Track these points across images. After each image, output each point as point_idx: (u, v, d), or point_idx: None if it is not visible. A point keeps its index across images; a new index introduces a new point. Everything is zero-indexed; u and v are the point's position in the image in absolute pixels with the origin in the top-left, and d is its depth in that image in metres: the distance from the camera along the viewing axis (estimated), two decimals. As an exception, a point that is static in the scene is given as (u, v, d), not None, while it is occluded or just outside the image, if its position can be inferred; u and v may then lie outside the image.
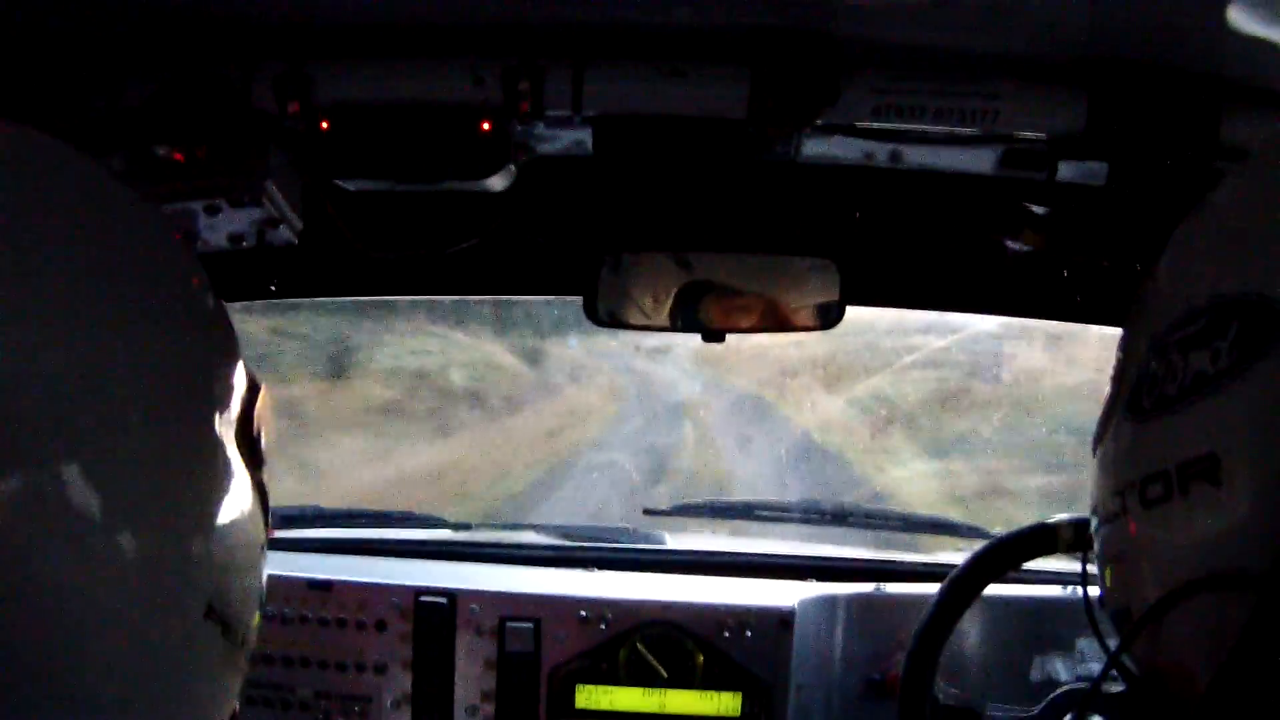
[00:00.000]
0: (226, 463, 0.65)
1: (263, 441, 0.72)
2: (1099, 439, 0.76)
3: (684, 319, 1.41)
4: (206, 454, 0.64)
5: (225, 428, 0.66)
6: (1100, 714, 1.26)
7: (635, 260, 1.41)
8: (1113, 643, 0.74)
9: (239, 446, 0.67)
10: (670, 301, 1.40)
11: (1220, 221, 0.71)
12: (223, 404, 0.66)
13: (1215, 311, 0.64)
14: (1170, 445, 0.66)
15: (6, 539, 0.54)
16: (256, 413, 0.71)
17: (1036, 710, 1.27)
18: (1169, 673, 0.68)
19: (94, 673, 0.58)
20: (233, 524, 0.66)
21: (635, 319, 1.42)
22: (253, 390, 0.71)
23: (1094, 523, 0.76)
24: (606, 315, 1.41)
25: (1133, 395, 0.70)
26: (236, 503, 0.66)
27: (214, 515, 0.64)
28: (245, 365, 0.73)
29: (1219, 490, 0.62)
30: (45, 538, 0.55)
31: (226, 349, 0.69)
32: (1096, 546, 0.75)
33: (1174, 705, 0.68)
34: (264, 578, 0.73)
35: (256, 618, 0.71)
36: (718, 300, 1.40)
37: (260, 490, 0.72)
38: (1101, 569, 0.75)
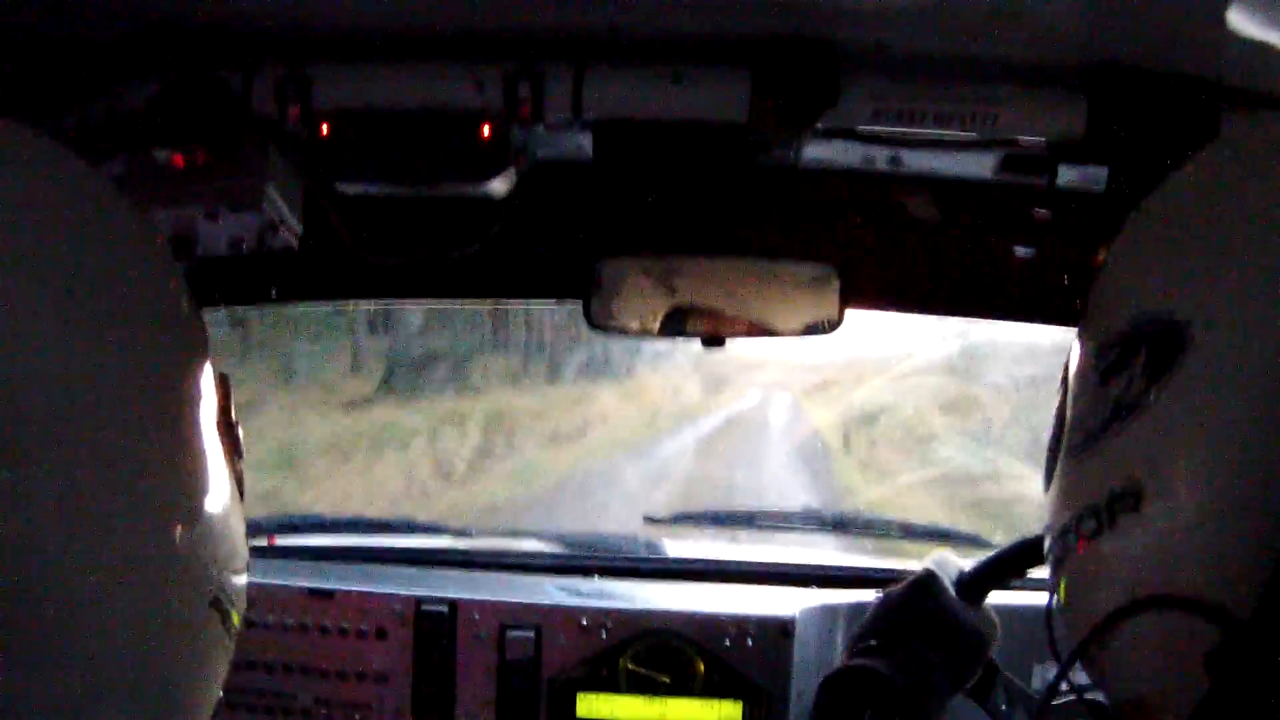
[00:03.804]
0: (216, 455, 0.68)
1: (240, 433, 0.74)
2: (1048, 475, 0.75)
3: (684, 324, 1.41)
4: (199, 447, 0.65)
5: (209, 420, 0.68)
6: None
7: (635, 265, 1.40)
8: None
9: (221, 438, 0.70)
10: (670, 307, 1.40)
11: (1126, 260, 0.72)
12: (205, 396, 0.68)
13: (1127, 340, 0.65)
14: (1098, 478, 0.66)
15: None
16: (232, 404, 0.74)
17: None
18: (1135, 713, 0.68)
19: (104, 661, 0.59)
20: (227, 515, 0.68)
21: (635, 324, 1.42)
22: (224, 383, 0.73)
23: (1048, 546, 0.75)
24: (606, 321, 1.41)
25: (1070, 432, 0.71)
26: (227, 494, 0.69)
27: (213, 507, 0.66)
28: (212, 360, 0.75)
29: (1141, 516, 0.62)
30: (42, 534, 0.56)
31: (202, 345, 0.71)
32: (1059, 595, 0.75)
33: None
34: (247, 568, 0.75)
35: (242, 607, 0.74)
36: (717, 305, 1.39)
37: (239, 482, 0.74)
38: (1066, 615, 0.74)
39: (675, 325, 1.41)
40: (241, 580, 0.71)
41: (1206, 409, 0.61)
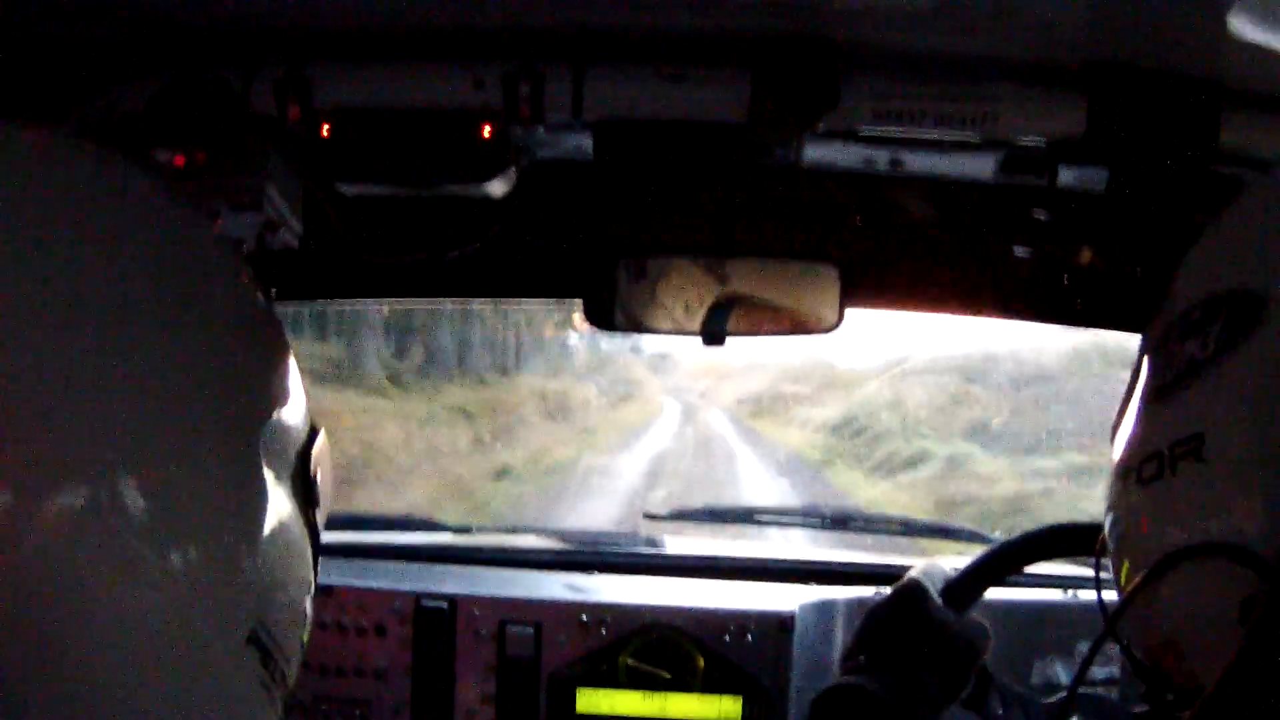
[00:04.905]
0: (275, 484, 0.62)
1: (319, 478, 0.68)
2: (1114, 440, 0.79)
3: (683, 324, 1.41)
4: (254, 467, 0.60)
5: (277, 451, 0.62)
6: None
7: (635, 265, 1.41)
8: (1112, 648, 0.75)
9: (294, 481, 0.64)
10: (668, 305, 1.40)
11: (1227, 230, 0.76)
12: (277, 424, 0.63)
13: (1209, 304, 0.70)
14: (1164, 427, 0.70)
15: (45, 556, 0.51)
16: (315, 454, 0.67)
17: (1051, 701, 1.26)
18: (1164, 654, 0.71)
19: (126, 689, 0.54)
20: (281, 551, 0.62)
21: (634, 323, 1.42)
22: (312, 431, 0.68)
23: (1106, 517, 0.79)
24: (605, 319, 1.41)
25: (1144, 384, 0.75)
26: (285, 530, 0.63)
27: (261, 535, 0.60)
28: (298, 376, 0.68)
29: (1204, 467, 0.66)
30: (82, 553, 0.52)
31: (278, 354, 0.65)
32: (1108, 538, 0.78)
33: (1180, 695, 0.71)
34: (309, 622, 0.68)
35: (298, 660, 0.66)
36: (717, 304, 1.40)
37: (312, 532, 0.68)
38: (1114, 561, 0.77)
39: (673, 324, 1.41)
40: (297, 626, 0.65)
41: (1274, 375, 0.65)
